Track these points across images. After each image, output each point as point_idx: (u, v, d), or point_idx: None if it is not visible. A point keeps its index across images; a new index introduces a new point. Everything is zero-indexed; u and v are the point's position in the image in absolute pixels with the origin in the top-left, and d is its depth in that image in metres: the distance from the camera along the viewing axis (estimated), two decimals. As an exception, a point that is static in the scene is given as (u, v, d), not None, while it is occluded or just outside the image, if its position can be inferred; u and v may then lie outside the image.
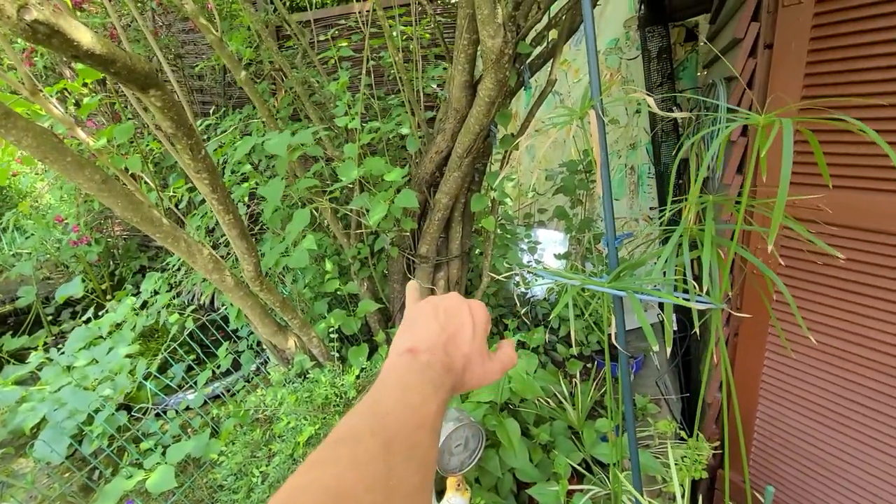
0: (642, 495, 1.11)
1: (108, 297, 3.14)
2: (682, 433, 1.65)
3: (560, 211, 2.33)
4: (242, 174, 2.02)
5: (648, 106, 0.82)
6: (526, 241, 2.55)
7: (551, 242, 2.75)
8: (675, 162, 0.85)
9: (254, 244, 1.44)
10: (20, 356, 2.50)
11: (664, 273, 0.84)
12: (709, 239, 0.75)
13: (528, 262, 2.52)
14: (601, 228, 2.52)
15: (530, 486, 1.38)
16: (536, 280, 2.51)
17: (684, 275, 0.84)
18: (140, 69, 0.80)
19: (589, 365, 2.23)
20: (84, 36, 0.68)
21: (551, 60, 1.62)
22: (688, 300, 0.79)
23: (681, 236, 0.82)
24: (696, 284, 0.80)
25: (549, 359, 2.19)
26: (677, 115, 0.75)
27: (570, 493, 1.34)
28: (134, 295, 2.45)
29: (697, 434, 1.31)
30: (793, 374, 1.31)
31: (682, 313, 2.14)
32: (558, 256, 2.49)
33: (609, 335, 0.95)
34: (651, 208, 2.60)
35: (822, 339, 1.22)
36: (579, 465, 1.45)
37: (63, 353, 2.08)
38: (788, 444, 1.37)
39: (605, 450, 1.45)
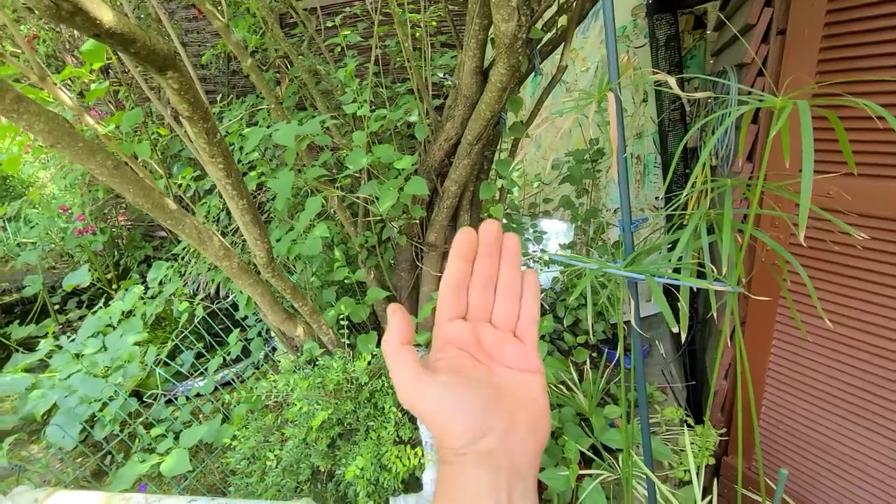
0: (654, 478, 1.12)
1: (114, 286, 3.14)
2: (689, 420, 1.67)
3: (566, 200, 2.33)
4: (250, 162, 2.02)
5: (661, 84, 0.81)
6: (531, 230, 2.55)
7: (556, 232, 2.75)
8: (679, 145, 0.85)
9: (266, 230, 1.44)
10: (28, 345, 2.51)
11: (680, 258, 0.84)
12: (728, 223, 0.75)
13: (533, 251, 2.52)
14: (606, 218, 2.52)
15: (540, 471, 1.39)
16: (542, 269, 2.52)
17: (699, 260, 0.85)
18: (160, 50, 0.80)
19: (594, 354, 2.24)
20: (106, 14, 0.67)
21: (562, 46, 1.61)
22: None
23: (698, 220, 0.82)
24: (713, 268, 0.81)
25: (555, 348, 2.20)
26: (698, 95, 0.75)
27: (579, 478, 1.35)
28: (140, 284, 2.46)
29: (705, 421, 1.32)
30: (800, 361, 1.32)
31: (689, 302, 2.15)
32: (563, 246, 2.49)
33: (625, 322, 0.95)
34: (656, 198, 2.59)
35: (831, 327, 1.23)
36: (588, 450, 1.46)
37: (73, 340, 2.09)
38: (794, 432, 1.39)
39: (614, 436, 1.47)
